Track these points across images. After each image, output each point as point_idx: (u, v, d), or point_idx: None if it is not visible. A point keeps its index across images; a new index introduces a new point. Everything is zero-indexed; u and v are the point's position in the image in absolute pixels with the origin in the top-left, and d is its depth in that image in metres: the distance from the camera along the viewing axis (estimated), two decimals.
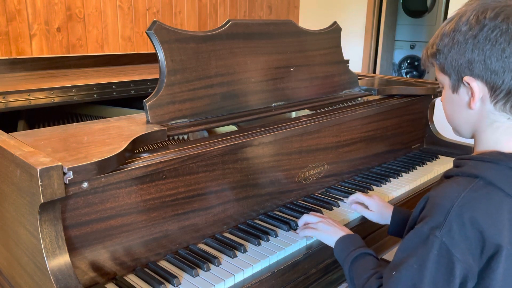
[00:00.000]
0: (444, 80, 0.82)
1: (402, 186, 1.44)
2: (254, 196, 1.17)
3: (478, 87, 0.76)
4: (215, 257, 0.98)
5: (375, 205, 1.18)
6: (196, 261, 0.97)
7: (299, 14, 4.34)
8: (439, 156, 1.76)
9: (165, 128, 1.01)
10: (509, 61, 0.72)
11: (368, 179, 1.49)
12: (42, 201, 0.73)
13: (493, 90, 0.75)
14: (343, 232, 1.01)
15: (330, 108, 1.53)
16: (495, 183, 0.72)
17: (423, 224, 0.75)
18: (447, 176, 0.81)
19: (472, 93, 0.77)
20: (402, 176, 1.54)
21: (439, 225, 0.72)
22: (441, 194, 0.76)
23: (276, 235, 1.10)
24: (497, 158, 0.75)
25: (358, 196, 1.23)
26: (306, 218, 1.12)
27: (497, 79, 0.74)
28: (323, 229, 1.04)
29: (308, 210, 1.22)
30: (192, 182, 1.01)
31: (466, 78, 0.77)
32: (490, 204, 0.71)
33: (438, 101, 1.72)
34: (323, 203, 1.28)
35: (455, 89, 0.80)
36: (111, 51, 2.96)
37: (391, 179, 1.50)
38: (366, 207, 1.20)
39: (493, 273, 0.70)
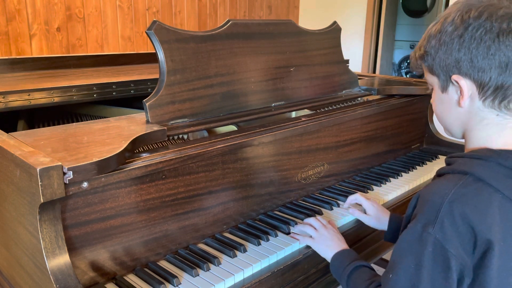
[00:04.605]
0: (433, 81, 0.84)
1: (402, 186, 1.44)
2: (254, 196, 1.17)
3: (467, 85, 0.77)
4: (215, 257, 0.98)
5: (373, 209, 1.19)
6: (196, 261, 0.97)
7: (299, 14, 4.34)
8: (439, 156, 1.76)
9: (165, 128, 1.01)
10: (494, 58, 0.73)
11: (368, 179, 1.49)
12: (42, 201, 0.73)
13: (481, 87, 0.76)
14: (338, 247, 1.02)
15: (330, 108, 1.53)
16: (485, 179, 0.73)
17: (415, 222, 0.75)
18: (439, 174, 0.82)
19: (461, 91, 0.78)
20: (402, 176, 1.54)
21: (431, 222, 0.72)
22: (431, 191, 0.76)
23: (276, 235, 1.10)
24: (486, 155, 0.76)
25: (357, 197, 1.23)
26: (309, 220, 1.12)
27: (485, 76, 0.75)
28: (319, 241, 1.05)
29: (308, 210, 1.22)
30: (192, 182, 1.01)
31: (455, 77, 0.78)
32: (480, 199, 0.72)
33: None
34: (323, 203, 1.28)
35: (444, 88, 0.81)
36: (111, 51, 2.96)
37: (391, 179, 1.50)
38: (363, 210, 1.21)
39: (487, 269, 0.71)
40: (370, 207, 1.19)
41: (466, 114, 0.80)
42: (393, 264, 0.77)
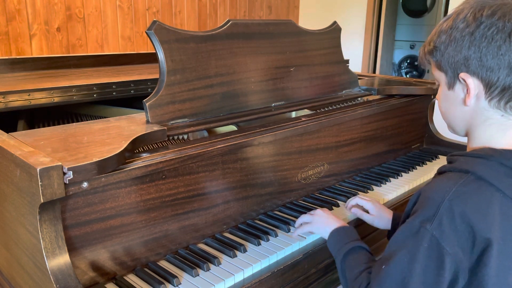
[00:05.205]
0: (440, 77, 0.83)
1: (402, 186, 1.44)
2: (254, 196, 1.17)
3: (474, 84, 0.77)
4: (215, 257, 0.98)
5: (375, 209, 1.17)
6: (196, 261, 0.97)
7: (299, 14, 4.34)
8: (439, 156, 1.76)
9: (165, 128, 1.01)
10: (504, 58, 0.73)
11: (368, 179, 1.49)
12: (42, 201, 0.73)
13: (488, 87, 0.76)
14: (338, 223, 1.01)
15: (330, 108, 1.53)
16: (486, 178, 0.73)
17: (414, 217, 0.75)
18: (440, 172, 0.82)
19: (467, 89, 0.78)
20: (402, 176, 1.54)
21: (430, 219, 0.72)
22: (432, 188, 0.76)
23: (276, 235, 1.10)
24: (488, 154, 0.76)
25: (357, 200, 1.22)
26: (304, 218, 1.12)
27: (493, 76, 0.74)
28: (317, 221, 1.05)
29: (308, 210, 1.22)
30: (192, 182, 1.01)
31: (462, 75, 0.77)
32: (480, 198, 0.72)
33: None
34: (323, 203, 1.28)
35: (451, 85, 0.81)
36: (111, 51, 2.96)
37: (391, 179, 1.50)
38: (366, 211, 1.20)
39: (485, 268, 0.71)
40: (372, 207, 1.18)
41: (471, 113, 0.80)
42: (387, 256, 0.77)
